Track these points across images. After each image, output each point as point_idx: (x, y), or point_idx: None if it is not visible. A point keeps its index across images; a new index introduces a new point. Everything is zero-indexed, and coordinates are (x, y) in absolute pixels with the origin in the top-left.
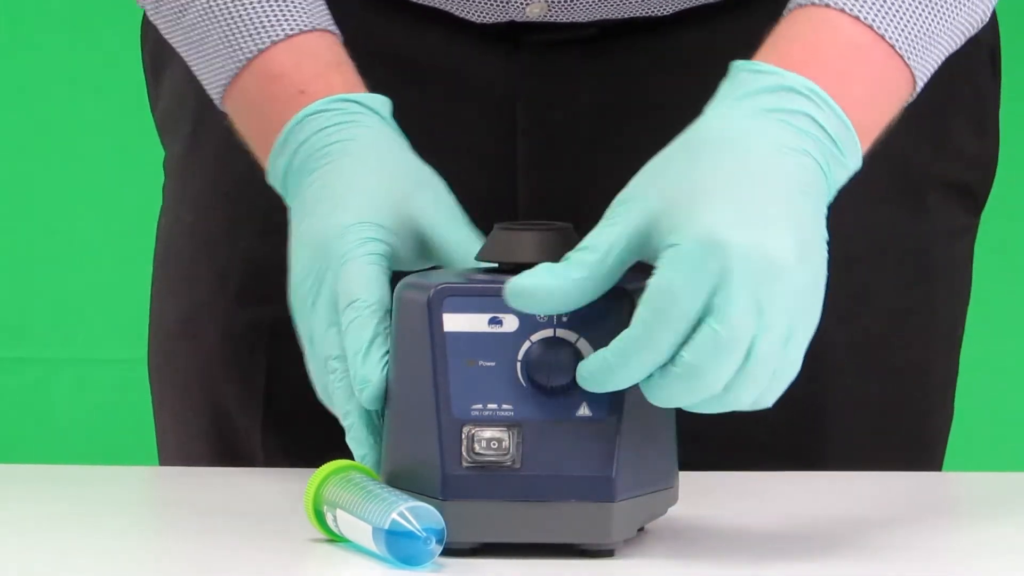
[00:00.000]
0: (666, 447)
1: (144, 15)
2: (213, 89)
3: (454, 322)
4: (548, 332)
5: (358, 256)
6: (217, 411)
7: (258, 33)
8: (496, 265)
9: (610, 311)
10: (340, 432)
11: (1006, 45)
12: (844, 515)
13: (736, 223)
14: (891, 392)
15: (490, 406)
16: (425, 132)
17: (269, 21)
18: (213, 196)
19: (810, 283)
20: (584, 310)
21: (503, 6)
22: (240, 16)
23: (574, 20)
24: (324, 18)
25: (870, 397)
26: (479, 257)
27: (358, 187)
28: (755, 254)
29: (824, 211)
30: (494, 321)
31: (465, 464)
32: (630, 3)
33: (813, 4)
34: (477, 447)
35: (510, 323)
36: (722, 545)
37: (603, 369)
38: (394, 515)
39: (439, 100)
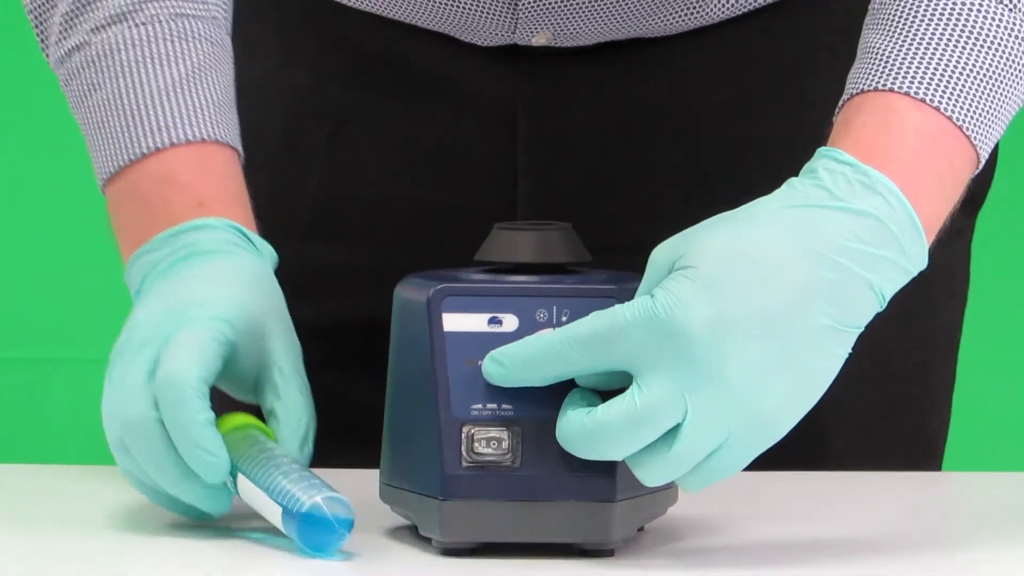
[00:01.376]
0: None
1: None
2: (101, 172)
3: (454, 322)
4: (548, 331)
5: (205, 327)
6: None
7: (160, 130)
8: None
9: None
10: (337, 437)
11: None
12: (844, 515)
13: (713, 322)
14: (892, 394)
15: (490, 406)
16: (426, 139)
17: (174, 121)
18: None
19: (773, 407)
20: (583, 310)
21: (508, 35)
22: (146, 109)
23: (578, 44)
24: (231, 131)
25: (871, 399)
26: (478, 257)
27: (234, 287)
28: (706, 365)
29: (848, 335)
30: (493, 321)
31: (465, 464)
32: (634, 28)
33: (876, 90)
34: (477, 447)
35: (510, 323)
36: (722, 545)
37: (521, 358)
38: (314, 501)
39: (440, 108)
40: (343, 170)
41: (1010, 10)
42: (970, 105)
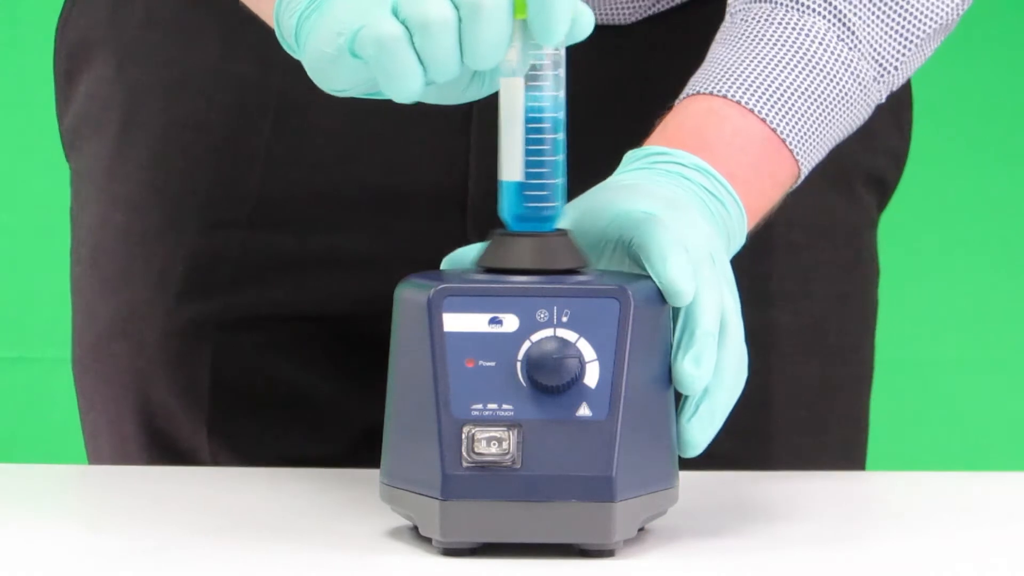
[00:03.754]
0: (666, 447)
1: (60, 19)
2: None
3: (454, 322)
4: (548, 332)
5: None
6: (157, 410)
7: None
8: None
9: (609, 310)
10: (286, 426)
11: None
12: (849, 516)
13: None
14: (830, 372)
15: (490, 406)
16: (379, 117)
17: None
18: (149, 195)
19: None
20: (584, 310)
21: None
22: None
23: None
24: None
25: (812, 377)
26: (478, 263)
27: None
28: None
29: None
30: (494, 321)
31: (465, 464)
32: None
33: (699, 93)
34: (477, 447)
35: (510, 323)
36: (722, 545)
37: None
38: None
39: None
40: (288, 157)
41: (849, 48)
42: (796, 122)
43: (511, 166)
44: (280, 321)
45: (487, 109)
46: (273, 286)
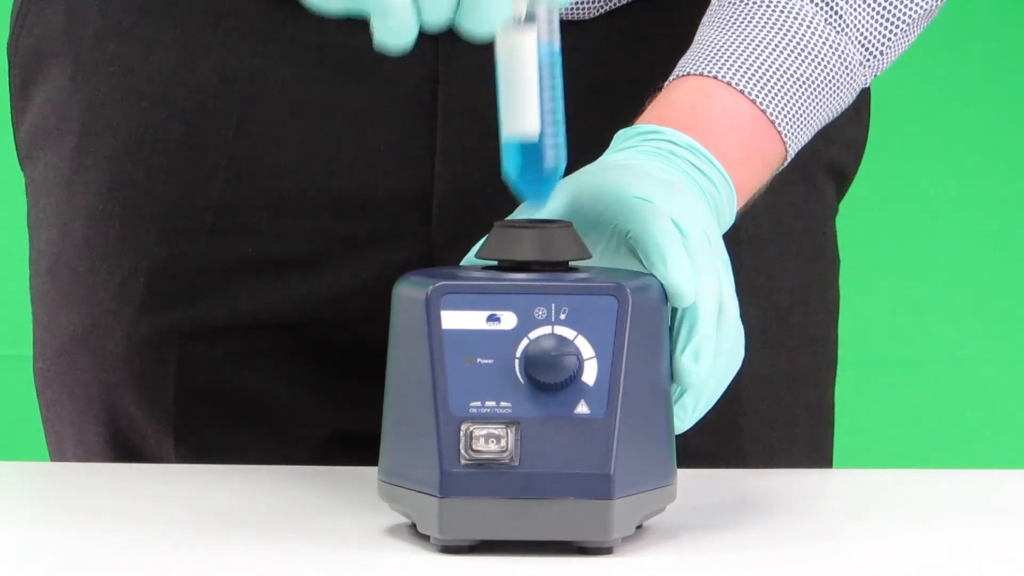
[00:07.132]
0: (664, 444)
1: (13, 28)
2: None
3: (452, 319)
4: (547, 329)
5: None
6: (122, 421)
7: None
8: (495, 263)
9: (608, 308)
10: (252, 435)
11: None
12: (847, 513)
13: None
14: (795, 366)
15: (488, 403)
16: (341, 121)
17: None
18: (108, 206)
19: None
20: (582, 307)
21: None
22: None
23: None
24: None
25: (779, 370)
26: (479, 255)
27: None
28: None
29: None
30: (492, 318)
31: (463, 461)
32: None
33: (690, 75)
34: (475, 444)
35: (508, 320)
36: (721, 542)
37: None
38: None
39: (360, 86)
40: (250, 164)
41: (837, 32)
42: (784, 104)
43: (526, 119)
44: (244, 329)
45: (453, 111)
46: (236, 294)
